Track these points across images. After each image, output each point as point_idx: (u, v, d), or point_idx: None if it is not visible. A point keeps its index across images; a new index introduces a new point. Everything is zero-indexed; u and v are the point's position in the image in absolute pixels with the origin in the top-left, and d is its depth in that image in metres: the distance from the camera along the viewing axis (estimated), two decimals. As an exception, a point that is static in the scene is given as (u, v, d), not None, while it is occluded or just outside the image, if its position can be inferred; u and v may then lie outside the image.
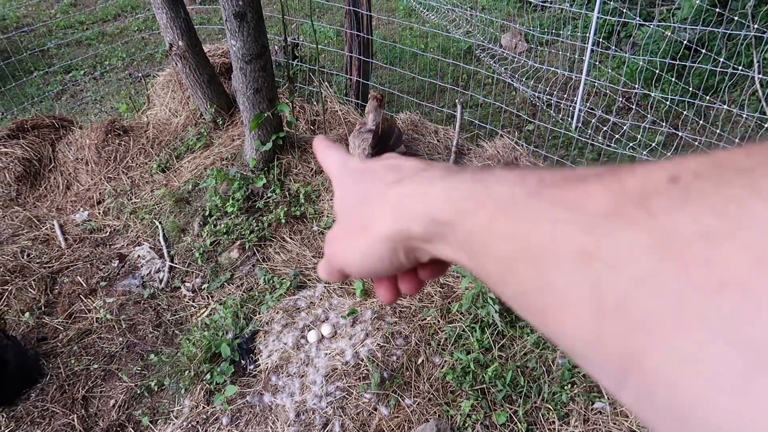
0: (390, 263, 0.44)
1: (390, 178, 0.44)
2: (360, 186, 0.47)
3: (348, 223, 0.47)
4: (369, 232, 0.44)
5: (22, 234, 3.81)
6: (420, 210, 0.39)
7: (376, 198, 0.44)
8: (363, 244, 0.44)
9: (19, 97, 5.61)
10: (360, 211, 0.46)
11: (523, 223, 0.31)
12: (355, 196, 0.47)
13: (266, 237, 3.55)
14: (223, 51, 4.88)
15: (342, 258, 0.47)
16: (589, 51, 4.16)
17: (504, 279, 0.33)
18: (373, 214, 0.44)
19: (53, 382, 2.88)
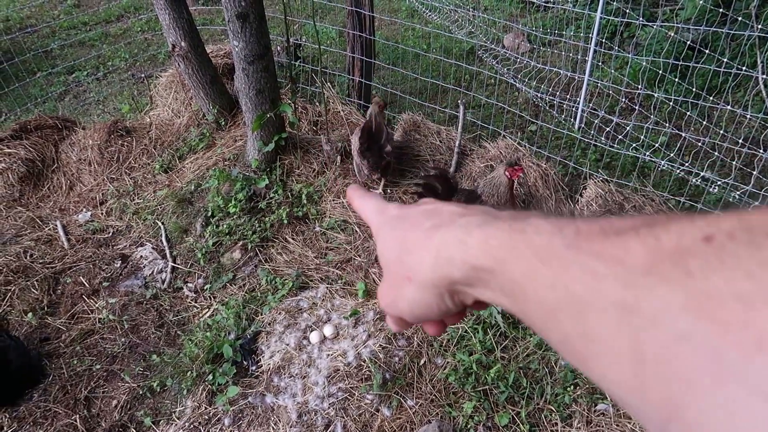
0: (438, 308, 0.45)
1: (428, 224, 0.45)
2: (398, 233, 0.48)
3: (393, 274, 0.48)
4: (413, 282, 0.45)
5: (25, 234, 3.82)
6: (459, 258, 0.40)
7: (416, 246, 0.45)
8: (410, 294, 0.46)
9: (23, 98, 5.63)
10: (401, 261, 0.47)
11: (562, 274, 0.33)
12: (395, 245, 0.48)
13: (268, 237, 3.55)
14: (226, 52, 4.89)
15: (395, 309, 0.49)
16: (591, 51, 4.15)
17: (547, 325, 0.35)
18: (414, 262, 0.45)
19: (56, 382, 2.88)
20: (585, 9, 5.07)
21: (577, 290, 0.32)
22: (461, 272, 0.40)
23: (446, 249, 0.42)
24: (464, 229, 0.41)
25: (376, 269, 3.26)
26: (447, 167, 3.78)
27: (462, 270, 0.40)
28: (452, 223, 0.43)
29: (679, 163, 3.84)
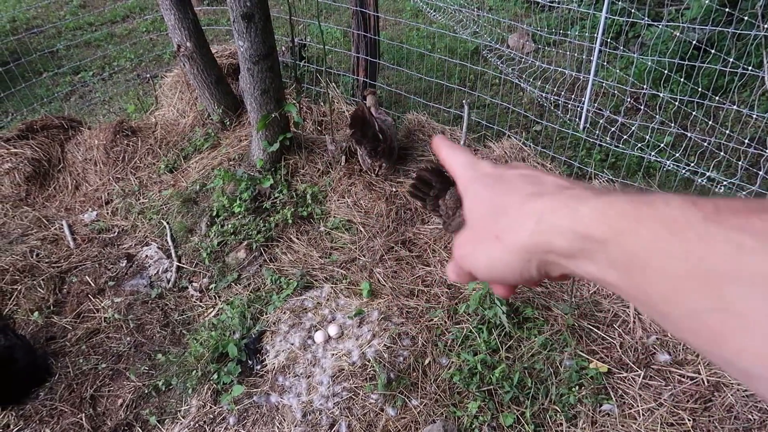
0: (520, 274, 0.44)
1: (528, 189, 0.45)
2: (491, 192, 0.48)
3: (479, 229, 0.48)
4: (502, 242, 0.44)
5: (31, 234, 3.83)
6: (567, 226, 0.39)
7: (513, 209, 0.44)
8: (494, 252, 0.45)
9: (29, 98, 5.65)
10: (493, 219, 0.46)
11: (699, 246, 0.32)
12: (487, 203, 0.47)
13: (273, 237, 3.55)
14: (231, 52, 4.90)
15: (471, 262, 0.48)
16: (597, 51, 4.14)
17: (669, 298, 0.34)
18: (508, 224, 0.44)
19: (62, 381, 2.89)
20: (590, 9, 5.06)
21: (715, 263, 0.31)
22: (566, 241, 0.39)
23: (552, 216, 0.41)
24: (577, 199, 0.40)
25: (380, 269, 3.26)
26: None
27: (567, 239, 0.39)
28: (559, 192, 0.43)
29: (685, 163, 3.83)
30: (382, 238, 3.47)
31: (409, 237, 3.50)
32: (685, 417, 2.44)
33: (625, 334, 2.84)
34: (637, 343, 2.78)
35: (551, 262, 0.42)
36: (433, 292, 3.09)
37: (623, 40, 5.39)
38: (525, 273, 0.44)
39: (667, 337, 2.80)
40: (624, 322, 2.89)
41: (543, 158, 3.69)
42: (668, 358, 2.69)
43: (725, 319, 0.30)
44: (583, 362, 2.66)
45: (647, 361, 2.70)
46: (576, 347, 2.73)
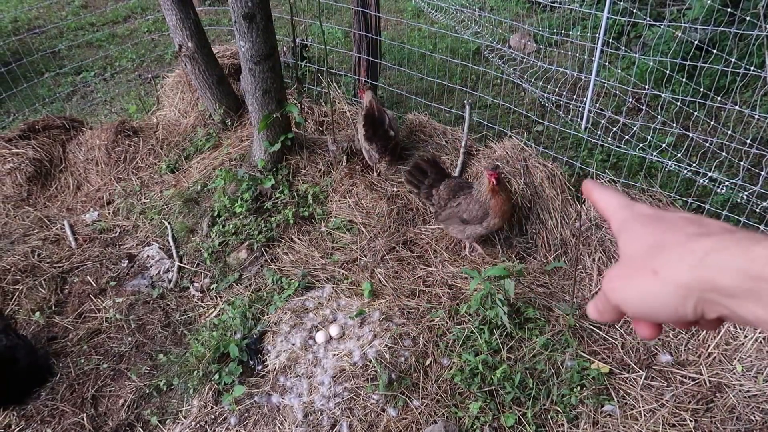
0: (674, 311, 0.44)
1: (691, 230, 0.45)
2: (651, 230, 0.48)
3: (635, 264, 0.47)
4: (659, 276, 0.44)
5: (33, 234, 3.84)
6: (735, 264, 0.39)
7: (675, 246, 0.44)
8: (649, 285, 0.45)
9: (31, 99, 5.66)
10: (651, 255, 0.46)
11: None
12: (646, 240, 0.47)
13: (274, 237, 3.55)
14: (232, 52, 4.90)
15: (621, 296, 0.48)
16: (598, 51, 4.13)
17: None
18: (668, 259, 0.44)
19: (63, 381, 2.90)
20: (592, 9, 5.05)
21: None
22: (731, 280, 0.39)
23: (719, 254, 0.41)
24: (749, 239, 0.41)
25: (381, 269, 3.26)
26: (453, 167, 3.78)
27: (734, 278, 0.39)
28: (725, 233, 0.43)
29: (687, 164, 3.82)
30: (383, 238, 3.47)
31: (411, 237, 3.50)
32: (686, 418, 2.44)
33: (627, 334, 2.83)
34: (639, 344, 2.78)
35: (711, 301, 0.42)
36: (434, 292, 3.08)
37: (625, 41, 5.38)
38: (680, 310, 0.44)
39: (669, 337, 2.80)
40: (626, 322, 2.89)
41: (544, 158, 3.68)
42: (670, 359, 2.68)
43: None
44: (585, 363, 2.66)
45: (649, 362, 2.70)
46: (577, 348, 2.73)
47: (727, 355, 2.67)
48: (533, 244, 3.38)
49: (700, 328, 0.47)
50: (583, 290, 3.08)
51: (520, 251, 3.34)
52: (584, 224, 3.30)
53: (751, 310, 0.39)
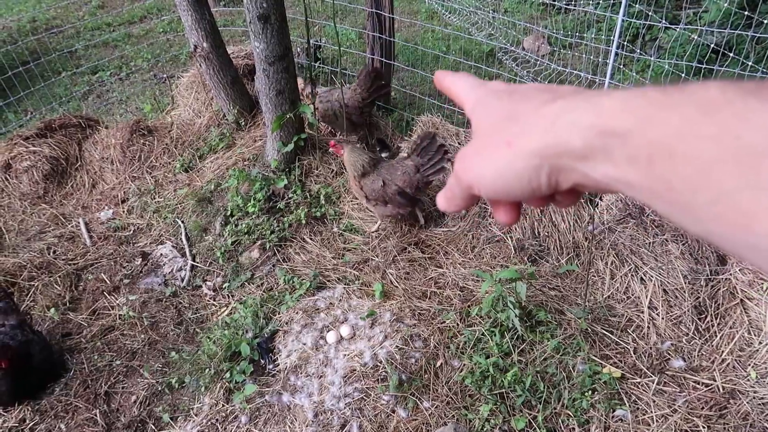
0: (528, 183, 0.41)
1: (544, 97, 0.42)
2: (505, 103, 0.45)
3: (488, 138, 0.45)
4: (513, 147, 0.41)
5: (48, 231, 3.88)
6: (586, 122, 0.37)
7: (527, 114, 0.42)
8: (503, 159, 0.42)
9: (48, 97, 5.73)
10: (504, 126, 0.43)
11: (735, 124, 0.30)
12: (499, 113, 0.45)
13: (287, 237, 3.57)
14: (247, 53, 4.93)
15: (475, 173, 0.45)
16: (613, 54, 4.11)
17: (695, 184, 0.32)
18: (521, 129, 0.42)
19: (77, 377, 2.93)
20: (607, 11, 5.02)
21: (753, 140, 0.29)
22: (583, 139, 0.37)
23: (571, 114, 0.38)
24: (600, 94, 0.38)
25: (393, 270, 3.26)
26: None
27: (585, 136, 0.37)
28: (578, 92, 0.40)
29: (702, 168, 3.79)
30: (394, 239, 3.47)
31: (422, 238, 3.50)
32: (699, 424, 2.41)
33: (639, 339, 2.81)
34: (651, 349, 2.76)
35: (564, 168, 0.39)
36: (445, 294, 3.08)
37: (640, 43, 5.34)
38: (534, 182, 0.41)
39: (682, 342, 2.78)
40: (638, 327, 2.87)
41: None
42: (683, 364, 2.66)
43: (759, 198, 0.29)
44: (597, 367, 2.64)
45: (661, 367, 2.68)
46: (589, 352, 2.71)
47: (741, 362, 2.64)
48: (545, 247, 3.36)
49: (556, 206, 0.45)
50: (595, 294, 3.06)
51: (532, 254, 3.33)
52: (597, 227, 3.28)
53: (601, 170, 0.37)
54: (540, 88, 0.44)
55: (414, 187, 3.29)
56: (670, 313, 2.88)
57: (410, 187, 3.27)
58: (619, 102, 0.36)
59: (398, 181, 3.26)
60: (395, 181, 3.25)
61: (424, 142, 3.29)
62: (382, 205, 3.34)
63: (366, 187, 3.29)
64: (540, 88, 0.44)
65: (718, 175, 0.30)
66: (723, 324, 2.80)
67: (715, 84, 0.33)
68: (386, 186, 3.25)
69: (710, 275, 2.93)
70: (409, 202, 3.32)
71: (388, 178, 3.26)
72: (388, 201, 3.29)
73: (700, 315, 2.86)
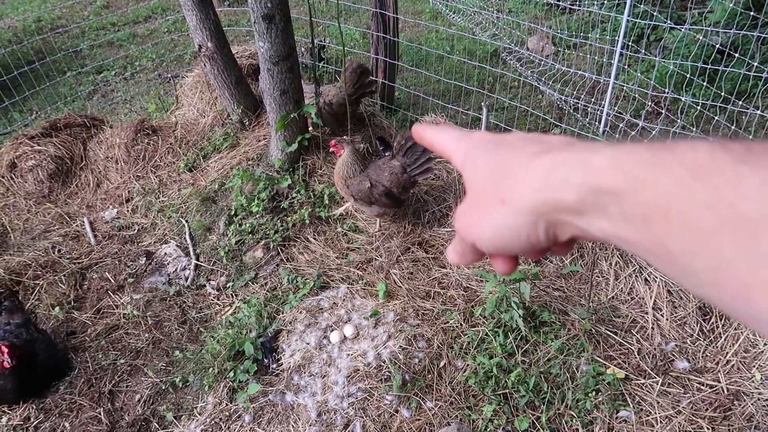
0: (527, 239, 0.41)
1: (533, 148, 0.42)
2: (493, 157, 0.44)
3: (482, 195, 0.44)
4: (507, 205, 0.41)
5: (53, 230, 3.90)
6: (578, 179, 0.37)
7: (519, 169, 0.41)
8: (499, 218, 0.42)
9: (53, 97, 5.75)
10: (495, 183, 0.43)
11: (729, 191, 0.30)
12: (489, 168, 0.44)
13: (290, 237, 3.57)
14: (251, 52, 4.94)
15: (475, 232, 0.45)
16: (617, 54, 4.10)
17: (693, 251, 0.31)
18: (513, 185, 0.41)
19: (81, 375, 2.94)
20: (611, 11, 5.02)
21: (748, 209, 0.28)
22: (576, 195, 0.37)
23: (561, 170, 0.38)
24: (589, 150, 0.37)
25: (396, 270, 3.26)
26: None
27: (578, 193, 0.36)
28: (568, 147, 0.40)
29: (707, 169, 3.77)
30: (398, 239, 3.47)
31: (426, 238, 3.50)
32: (704, 425, 2.41)
33: (644, 340, 2.81)
34: (656, 350, 2.75)
35: (561, 222, 0.39)
36: (449, 294, 3.08)
37: (645, 44, 5.33)
38: (533, 237, 0.41)
39: (686, 344, 2.77)
40: (642, 328, 2.86)
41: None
42: (687, 366, 2.66)
43: (758, 270, 0.28)
44: (600, 368, 2.64)
45: (665, 368, 2.67)
46: (593, 352, 2.71)
47: (746, 363, 2.63)
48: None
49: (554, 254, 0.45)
50: (599, 294, 3.05)
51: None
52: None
53: (597, 225, 0.36)
54: (527, 138, 0.44)
55: (400, 188, 3.31)
56: (674, 314, 2.88)
57: (397, 188, 3.29)
58: (608, 160, 0.36)
59: (385, 181, 3.27)
60: (382, 182, 3.27)
61: (408, 142, 3.30)
62: (366, 205, 3.36)
63: (352, 187, 3.31)
64: (527, 138, 0.44)
65: (715, 243, 0.30)
66: (727, 325, 2.79)
67: (704, 146, 0.32)
68: (373, 187, 3.26)
69: (715, 276, 2.91)
70: (394, 202, 3.35)
71: (375, 179, 3.28)
72: (374, 201, 3.31)
73: (705, 316, 2.86)
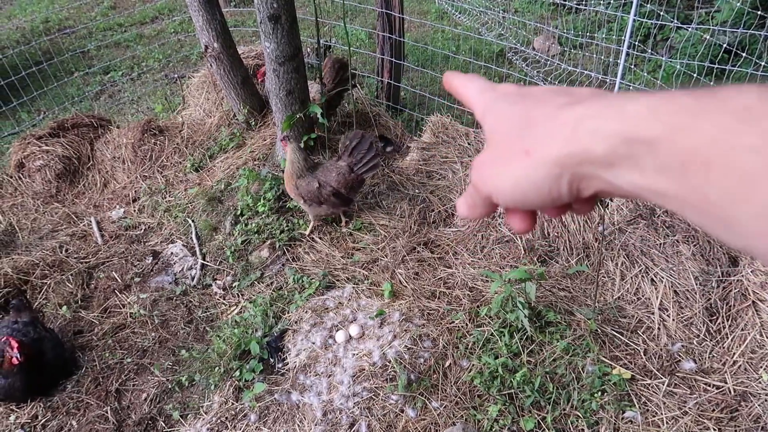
0: (548, 193, 0.40)
1: (561, 100, 0.40)
2: (518, 108, 0.43)
3: (504, 146, 0.43)
4: (532, 156, 0.40)
5: (61, 229, 3.92)
6: (611, 129, 0.35)
7: (545, 120, 0.40)
8: (521, 169, 0.40)
9: (60, 97, 5.78)
10: (520, 134, 0.41)
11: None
12: (514, 119, 0.43)
13: (296, 237, 3.58)
14: (257, 53, 4.95)
15: (492, 183, 0.43)
16: (624, 54, 4.09)
17: (739, 198, 0.30)
18: (538, 136, 0.40)
19: (88, 374, 2.95)
20: (618, 11, 5.00)
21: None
22: (606, 146, 0.35)
23: (592, 121, 0.36)
24: (623, 99, 0.36)
25: (402, 270, 3.27)
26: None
27: (609, 143, 0.35)
28: (599, 97, 0.38)
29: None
30: (404, 238, 3.47)
31: (431, 238, 3.50)
32: (710, 426, 2.40)
33: (650, 340, 2.80)
34: (662, 350, 2.74)
35: (586, 176, 0.37)
36: (454, 294, 3.08)
37: (651, 43, 5.31)
38: (554, 191, 0.39)
39: (693, 344, 2.76)
40: (648, 328, 2.85)
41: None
42: (693, 366, 2.65)
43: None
44: (606, 368, 2.63)
45: (672, 369, 2.66)
46: (599, 353, 2.70)
47: (753, 364, 2.62)
48: (555, 247, 3.35)
49: (574, 212, 0.43)
50: (605, 295, 3.05)
51: (542, 254, 3.32)
52: (607, 228, 3.27)
53: (627, 178, 0.35)
54: (555, 90, 0.43)
55: (348, 187, 3.36)
56: (680, 315, 2.86)
57: (345, 188, 3.34)
58: (645, 108, 0.34)
59: (333, 182, 3.31)
60: (330, 183, 3.31)
61: (353, 142, 3.35)
62: (317, 206, 3.40)
63: (301, 188, 3.35)
64: (555, 90, 0.43)
65: (763, 189, 0.29)
66: (734, 326, 2.78)
67: (752, 89, 0.31)
68: (322, 187, 3.30)
69: (722, 276, 2.91)
70: (343, 202, 3.40)
71: (323, 180, 3.32)
72: (323, 201, 3.34)
73: (712, 317, 2.85)
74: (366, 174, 3.40)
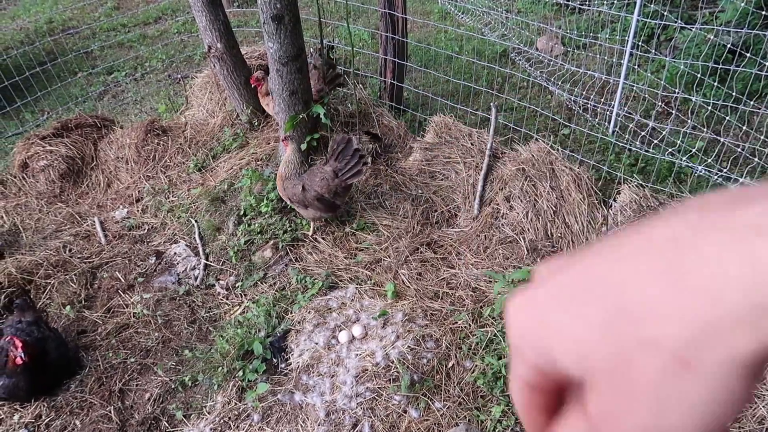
0: (741, 401, 0.24)
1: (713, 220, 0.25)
2: (580, 276, 0.29)
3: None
4: (695, 367, 0.24)
5: (64, 229, 3.93)
6: None
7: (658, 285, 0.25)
8: (695, 390, 0.24)
9: (64, 97, 5.79)
10: (630, 324, 0.26)
11: None
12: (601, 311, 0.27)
13: (299, 237, 3.58)
14: (260, 53, 4.95)
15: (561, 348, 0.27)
16: (627, 54, 4.08)
17: None
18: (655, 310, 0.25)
19: (92, 374, 2.96)
20: (621, 11, 4.99)
21: None
22: None
23: None
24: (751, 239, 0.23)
25: (405, 270, 3.27)
26: (479, 169, 3.76)
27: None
28: None
29: (717, 169, 3.75)
30: (407, 239, 3.47)
31: (434, 239, 3.50)
32: (714, 428, 2.39)
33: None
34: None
35: None
36: (457, 294, 3.08)
37: (655, 43, 5.30)
38: (746, 393, 0.24)
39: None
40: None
41: (571, 162, 3.65)
42: (697, 367, 2.63)
43: None
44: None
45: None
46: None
47: (757, 365, 2.61)
48: (558, 248, 3.35)
49: None
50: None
51: (545, 255, 3.31)
52: (611, 229, 3.26)
53: None
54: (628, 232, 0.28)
55: (333, 193, 3.34)
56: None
57: (329, 193, 3.33)
58: None
59: (317, 187, 3.31)
60: (314, 187, 3.31)
61: (339, 147, 3.33)
62: (303, 208, 3.40)
63: (288, 190, 3.35)
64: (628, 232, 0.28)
65: None
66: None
67: None
68: (306, 191, 3.30)
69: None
70: (328, 207, 3.39)
71: (308, 184, 3.32)
72: (308, 205, 3.34)
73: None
74: (350, 180, 3.38)
